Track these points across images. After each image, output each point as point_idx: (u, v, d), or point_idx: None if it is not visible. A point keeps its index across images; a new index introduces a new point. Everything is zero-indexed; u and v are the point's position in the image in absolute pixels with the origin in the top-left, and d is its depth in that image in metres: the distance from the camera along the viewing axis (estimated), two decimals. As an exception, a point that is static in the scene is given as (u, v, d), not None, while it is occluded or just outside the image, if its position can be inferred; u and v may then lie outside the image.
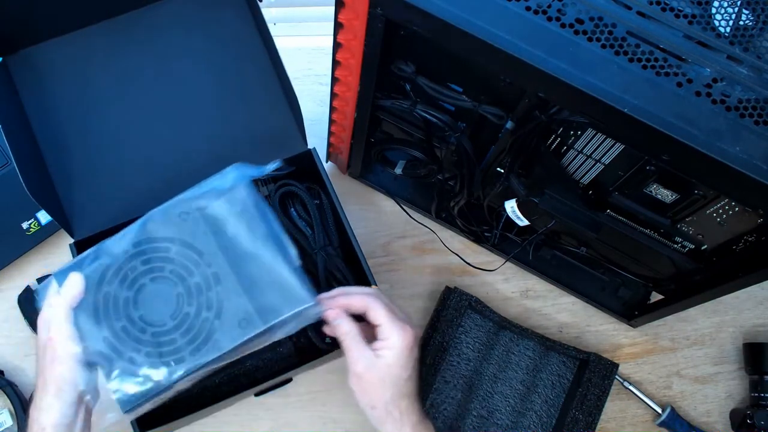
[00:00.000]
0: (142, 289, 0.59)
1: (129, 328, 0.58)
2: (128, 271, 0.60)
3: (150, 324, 0.59)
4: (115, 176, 0.73)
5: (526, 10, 0.47)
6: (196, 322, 0.59)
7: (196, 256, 0.60)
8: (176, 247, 0.60)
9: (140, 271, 0.60)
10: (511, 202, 0.71)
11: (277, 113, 0.76)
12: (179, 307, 0.59)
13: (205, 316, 0.59)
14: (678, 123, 0.46)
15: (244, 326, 0.59)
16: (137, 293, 0.59)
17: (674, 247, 0.68)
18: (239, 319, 0.59)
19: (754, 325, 0.85)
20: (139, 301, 0.59)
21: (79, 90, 0.74)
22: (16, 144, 0.65)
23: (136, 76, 0.75)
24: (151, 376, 0.57)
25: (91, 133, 0.74)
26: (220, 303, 0.59)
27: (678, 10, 0.49)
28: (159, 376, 0.57)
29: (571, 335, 0.84)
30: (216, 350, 0.58)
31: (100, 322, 0.58)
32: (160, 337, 0.59)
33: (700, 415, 0.82)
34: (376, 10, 0.50)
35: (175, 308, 0.59)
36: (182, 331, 0.59)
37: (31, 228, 0.78)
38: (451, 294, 0.80)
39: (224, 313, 0.59)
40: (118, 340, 0.58)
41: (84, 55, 0.75)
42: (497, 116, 0.59)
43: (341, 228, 0.73)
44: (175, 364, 0.58)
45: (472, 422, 0.78)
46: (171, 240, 0.61)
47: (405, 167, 0.77)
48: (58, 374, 0.53)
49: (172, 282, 0.60)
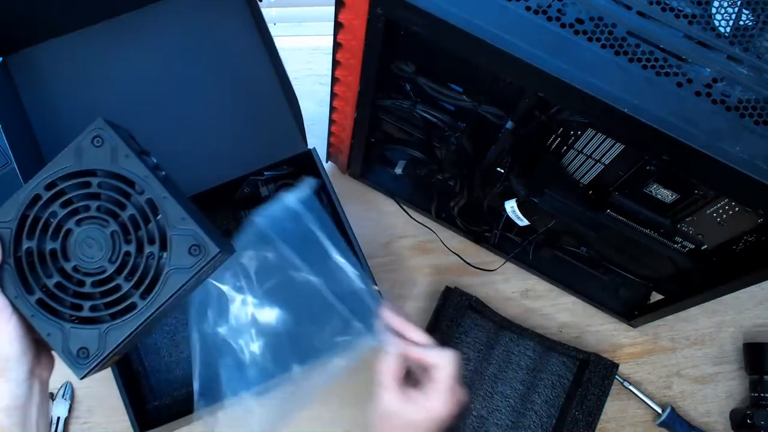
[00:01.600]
0: (69, 236, 0.51)
1: (64, 283, 0.51)
2: (49, 219, 0.51)
3: (87, 274, 0.51)
4: None
5: (526, 10, 0.47)
6: (140, 261, 0.51)
7: (124, 185, 0.52)
8: (98, 179, 0.51)
9: (62, 215, 0.51)
10: (511, 202, 0.71)
11: (277, 113, 0.76)
12: (116, 246, 0.51)
13: (149, 251, 0.51)
14: (678, 123, 0.46)
15: (196, 253, 0.51)
16: (65, 242, 0.51)
17: (674, 247, 0.68)
18: (189, 245, 0.51)
19: (754, 325, 0.85)
20: (69, 251, 0.51)
21: (79, 90, 0.75)
22: (16, 144, 0.65)
23: (136, 75, 0.75)
24: (100, 333, 0.50)
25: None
26: (162, 233, 0.51)
27: (678, 10, 0.49)
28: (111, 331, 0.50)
29: (571, 335, 0.84)
30: (170, 288, 0.51)
31: (29, 284, 0.51)
32: (101, 287, 0.51)
33: (700, 415, 0.82)
34: (376, 10, 0.50)
35: (111, 249, 0.51)
36: (126, 275, 0.51)
37: (31, 228, 0.78)
38: (451, 294, 0.80)
39: (170, 243, 0.51)
40: (55, 301, 0.51)
41: (84, 55, 0.75)
42: (497, 116, 0.59)
43: (341, 228, 0.73)
44: (125, 314, 0.51)
45: (472, 422, 0.78)
46: (90, 172, 0.51)
47: (405, 167, 0.77)
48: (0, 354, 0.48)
49: (102, 221, 0.51)
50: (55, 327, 0.50)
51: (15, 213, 0.51)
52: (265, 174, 0.73)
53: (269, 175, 0.73)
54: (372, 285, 0.70)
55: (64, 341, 0.50)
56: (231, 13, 0.77)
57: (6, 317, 0.48)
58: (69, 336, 0.50)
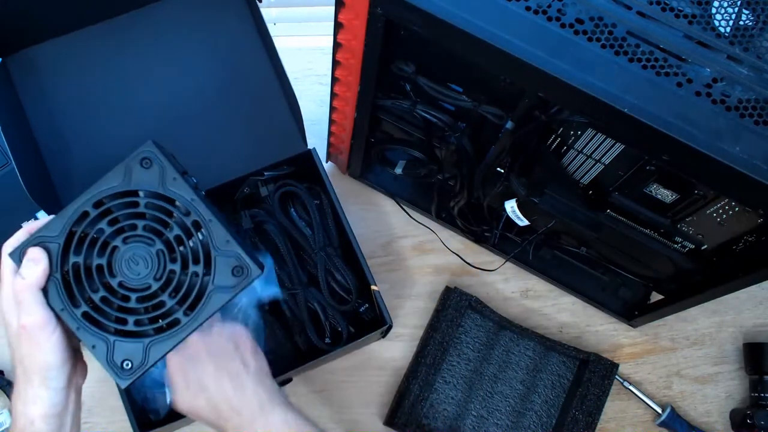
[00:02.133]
0: (115, 253, 0.52)
1: (109, 298, 0.52)
2: (96, 236, 0.52)
3: (132, 290, 0.52)
4: None
5: (526, 10, 0.47)
6: (185, 279, 0.52)
7: (169, 205, 0.53)
8: (146, 199, 0.53)
9: (109, 233, 0.52)
10: (511, 202, 0.71)
11: (276, 113, 0.76)
12: (162, 265, 0.52)
13: (194, 270, 0.52)
14: (678, 123, 0.46)
15: (238, 274, 0.52)
16: (111, 258, 0.52)
17: (674, 247, 0.68)
18: (232, 266, 0.52)
19: (754, 325, 0.85)
20: (115, 267, 0.52)
21: (78, 90, 0.75)
22: (16, 144, 0.65)
23: (135, 76, 0.76)
24: (144, 346, 0.52)
25: (90, 133, 0.74)
26: (207, 253, 0.52)
27: (678, 10, 0.49)
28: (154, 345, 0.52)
29: (571, 335, 0.83)
30: (212, 306, 0.52)
31: (75, 298, 0.52)
32: (146, 303, 0.52)
33: (700, 415, 0.82)
34: (376, 10, 0.50)
35: (157, 268, 0.52)
36: (170, 292, 0.52)
37: (31, 228, 0.78)
38: (451, 294, 0.80)
39: (214, 263, 0.52)
40: (100, 314, 0.52)
41: (84, 56, 0.75)
42: (497, 116, 0.59)
43: (341, 228, 0.73)
44: (169, 330, 0.52)
45: (472, 422, 0.78)
46: (136, 192, 0.53)
47: (405, 167, 0.77)
48: (42, 363, 0.49)
49: (148, 239, 0.53)
50: (99, 339, 0.52)
51: (62, 228, 0.52)
52: (265, 174, 0.73)
53: (269, 175, 0.73)
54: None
55: (108, 353, 0.52)
56: (230, 13, 0.77)
57: (51, 329, 0.50)
58: (114, 348, 0.52)
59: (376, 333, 0.71)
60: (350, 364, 0.80)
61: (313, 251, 0.73)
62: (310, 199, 0.73)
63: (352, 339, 0.71)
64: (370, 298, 0.73)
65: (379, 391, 0.79)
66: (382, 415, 0.78)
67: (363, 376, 0.80)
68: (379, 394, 0.79)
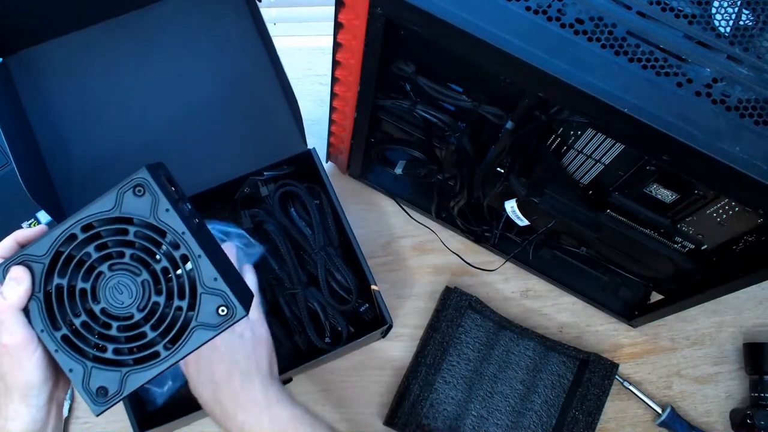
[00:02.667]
0: (100, 278, 0.51)
1: (90, 323, 0.51)
2: (81, 259, 0.51)
3: (114, 317, 0.51)
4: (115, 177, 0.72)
5: (526, 10, 0.47)
6: (169, 313, 0.51)
7: (158, 236, 0.51)
8: (135, 227, 0.51)
9: (95, 258, 0.51)
10: (511, 202, 0.71)
11: (276, 113, 0.76)
12: (146, 296, 0.51)
13: (178, 304, 0.51)
14: (678, 123, 0.46)
15: (223, 314, 0.51)
16: (95, 283, 0.51)
17: (674, 247, 0.68)
18: (217, 305, 0.51)
19: (754, 325, 0.85)
20: (99, 293, 0.51)
21: (79, 90, 0.75)
22: (16, 144, 0.65)
23: (135, 76, 0.76)
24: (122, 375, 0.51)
25: (90, 134, 0.74)
26: (193, 289, 0.51)
27: (678, 10, 0.49)
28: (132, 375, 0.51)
29: (571, 335, 0.83)
30: (194, 342, 0.51)
31: (56, 320, 0.51)
32: (128, 332, 0.51)
33: (700, 415, 0.82)
34: (376, 10, 0.50)
35: (141, 298, 0.51)
36: (153, 324, 0.51)
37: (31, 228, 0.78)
38: (451, 294, 0.80)
39: (200, 300, 0.51)
40: (79, 339, 0.51)
41: (84, 56, 0.75)
42: (497, 116, 0.59)
43: (341, 228, 0.73)
44: (148, 362, 0.51)
45: (472, 422, 0.78)
46: (128, 220, 0.51)
47: (405, 167, 0.77)
48: (23, 381, 0.49)
49: (135, 268, 0.51)
50: (77, 364, 0.51)
51: (48, 248, 0.51)
52: (264, 174, 0.73)
53: (269, 175, 0.73)
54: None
55: (84, 378, 0.51)
56: (230, 13, 0.77)
57: (32, 349, 0.49)
58: (90, 374, 0.51)
59: (377, 333, 0.71)
60: (350, 364, 0.80)
61: (313, 251, 0.73)
62: (310, 199, 0.73)
63: (352, 339, 0.71)
64: (370, 298, 0.73)
65: (379, 391, 0.79)
66: (382, 415, 0.78)
67: (363, 376, 0.80)
68: (379, 394, 0.79)
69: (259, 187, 0.74)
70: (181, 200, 0.54)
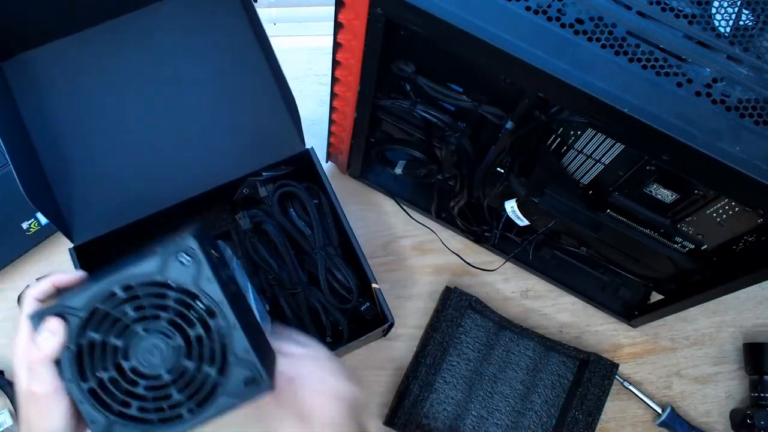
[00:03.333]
0: (134, 337, 0.52)
1: (119, 379, 0.52)
2: (118, 317, 0.52)
3: (143, 377, 0.52)
4: (113, 180, 0.73)
5: (526, 10, 0.47)
6: (197, 377, 0.52)
7: (198, 304, 0.52)
8: (176, 294, 0.52)
9: (132, 318, 0.52)
10: (511, 202, 0.71)
11: (274, 113, 0.76)
12: (177, 360, 0.52)
13: (207, 371, 0.52)
14: (678, 123, 0.46)
15: (250, 385, 0.52)
16: (128, 342, 0.52)
17: (674, 247, 0.68)
18: (245, 376, 0.52)
19: (754, 325, 0.85)
20: (130, 351, 0.52)
21: (76, 93, 0.75)
22: (12, 148, 0.65)
23: (133, 78, 0.75)
24: None
25: (88, 137, 0.74)
26: (224, 358, 0.52)
27: (678, 10, 0.49)
28: None
29: (571, 335, 0.84)
30: (218, 409, 0.52)
31: (85, 372, 0.51)
32: (154, 392, 0.52)
33: (700, 415, 0.82)
34: (376, 10, 0.50)
35: (172, 361, 0.52)
36: (180, 386, 0.52)
37: (31, 228, 0.78)
38: (451, 294, 0.80)
39: (229, 369, 0.52)
40: (106, 394, 0.52)
41: (80, 59, 0.75)
42: (497, 116, 0.59)
43: (341, 227, 0.73)
44: (171, 423, 0.52)
45: (472, 422, 0.78)
46: (169, 285, 0.52)
47: (405, 167, 0.77)
48: (47, 429, 0.50)
49: (169, 332, 0.52)
50: (100, 416, 0.51)
51: (87, 303, 0.51)
52: (263, 174, 0.73)
53: (267, 176, 0.73)
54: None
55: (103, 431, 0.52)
56: (226, 13, 0.77)
57: (59, 399, 0.50)
58: (113, 429, 0.52)
59: (378, 331, 0.71)
60: (350, 364, 0.80)
61: (313, 251, 0.73)
62: (309, 199, 0.73)
63: (353, 337, 0.71)
64: (371, 297, 0.73)
65: (379, 390, 0.79)
66: (382, 415, 0.78)
67: (363, 376, 0.80)
68: (379, 394, 0.79)
69: (258, 188, 0.74)
70: (222, 266, 0.55)
